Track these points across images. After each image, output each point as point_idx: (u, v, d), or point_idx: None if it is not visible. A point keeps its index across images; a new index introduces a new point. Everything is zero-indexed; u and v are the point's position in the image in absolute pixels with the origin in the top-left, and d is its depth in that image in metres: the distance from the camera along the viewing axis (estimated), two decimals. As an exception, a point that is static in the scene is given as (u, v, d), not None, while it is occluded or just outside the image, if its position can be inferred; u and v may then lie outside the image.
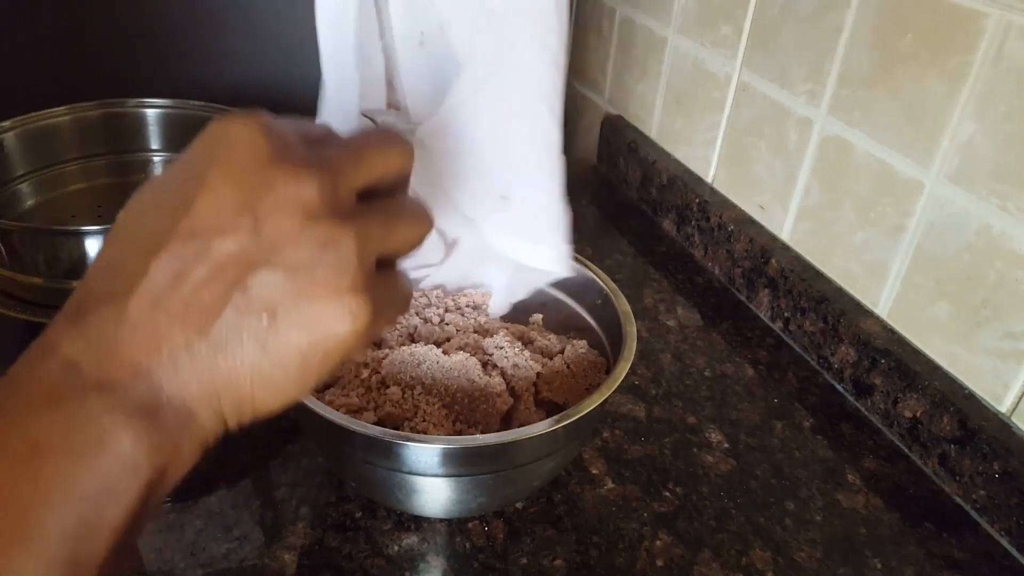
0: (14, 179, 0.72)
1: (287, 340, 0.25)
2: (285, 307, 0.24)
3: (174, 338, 0.24)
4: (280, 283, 0.24)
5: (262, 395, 0.25)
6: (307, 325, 0.25)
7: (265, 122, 0.25)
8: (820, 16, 0.61)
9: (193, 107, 0.77)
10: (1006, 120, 0.49)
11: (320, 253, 0.24)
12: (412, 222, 0.29)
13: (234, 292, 0.24)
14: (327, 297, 0.25)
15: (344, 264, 0.25)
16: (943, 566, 0.49)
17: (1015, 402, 0.51)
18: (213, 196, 0.24)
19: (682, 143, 0.82)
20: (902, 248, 0.58)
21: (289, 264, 0.24)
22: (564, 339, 0.53)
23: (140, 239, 0.25)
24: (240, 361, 0.24)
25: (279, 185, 0.24)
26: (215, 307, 0.24)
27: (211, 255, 0.24)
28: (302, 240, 0.24)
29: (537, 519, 0.50)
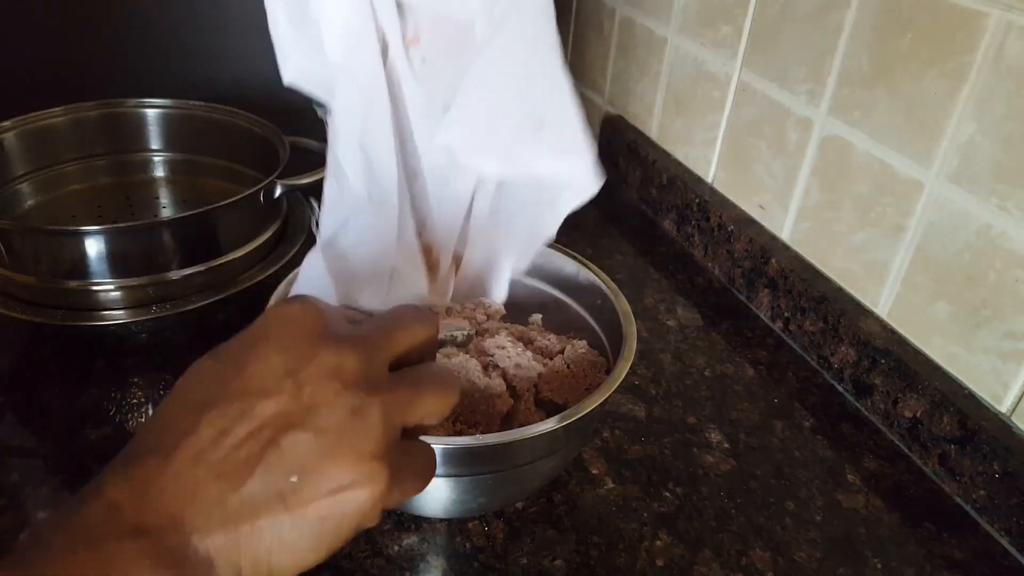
0: (14, 179, 0.72)
1: (309, 501, 0.26)
2: (312, 468, 0.26)
3: (210, 490, 0.26)
4: (310, 444, 0.26)
5: (279, 556, 0.27)
6: (329, 487, 0.26)
7: (317, 304, 0.29)
8: (820, 16, 0.61)
9: (193, 107, 0.77)
10: (1006, 120, 0.49)
11: (350, 419, 0.27)
12: (438, 391, 0.31)
13: (269, 450, 0.26)
14: (351, 461, 0.27)
15: (369, 431, 0.27)
16: (943, 566, 0.49)
17: (1015, 402, 0.51)
18: (264, 363, 0.27)
19: (682, 143, 0.82)
20: (902, 248, 0.58)
21: (320, 427, 0.27)
22: (564, 339, 0.53)
23: (194, 400, 0.27)
24: (264, 520, 0.26)
25: (321, 356, 0.27)
26: (250, 464, 0.26)
27: (253, 414, 0.26)
28: (335, 405, 0.27)
29: (537, 519, 0.50)
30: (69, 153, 0.75)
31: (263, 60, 0.44)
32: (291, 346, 0.28)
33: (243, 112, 0.75)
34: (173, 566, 0.25)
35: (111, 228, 0.59)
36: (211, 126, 0.77)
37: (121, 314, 0.60)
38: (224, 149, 0.78)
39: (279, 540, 0.26)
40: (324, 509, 0.27)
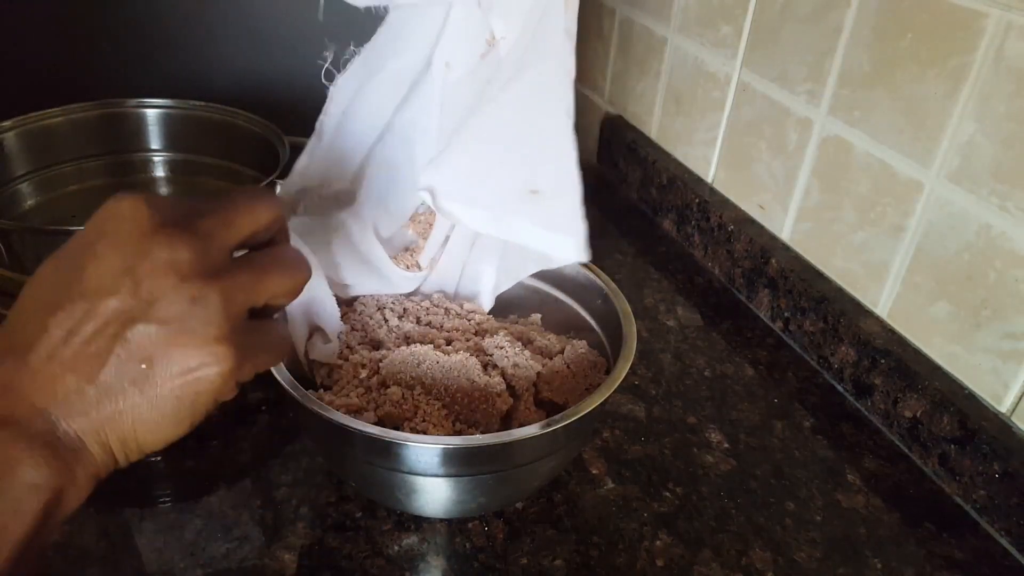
0: (14, 179, 0.72)
1: (162, 384, 0.29)
2: (160, 355, 0.29)
3: (67, 383, 0.28)
4: (155, 335, 0.29)
5: (143, 433, 0.30)
6: (179, 370, 0.29)
7: (148, 198, 0.30)
8: (820, 16, 0.61)
9: (193, 107, 0.77)
10: (1006, 120, 0.49)
11: (190, 307, 0.29)
12: (284, 272, 0.33)
13: (116, 344, 0.29)
14: (195, 346, 0.29)
15: (211, 316, 0.29)
16: (943, 566, 0.49)
17: (1015, 402, 0.51)
18: (100, 263, 0.29)
19: (682, 143, 0.82)
20: (902, 248, 0.58)
21: (163, 318, 0.29)
22: (564, 339, 0.53)
23: (40, 302, 0.29)
24: (122, 403, 0.29)
25: (155, 251, 0.29)
26: (101, 357, 0.28)
27: (97, 313, 0.28)
28: (174, 297, 0.29)
29: (537, 519, 0.50)
30: (69, 153, 0.75)
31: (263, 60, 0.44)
32: (125, 243, 0.29)
33: (243, 112, 0.75)
34: (45, 446, 0.28)
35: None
36: (211, 126, 0.77)
37: (121, 314, 0.60)
38: (224, 149, 0.78)
39: (140, 420, 0.29)
40: (177, 389, 0.29)
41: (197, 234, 0.30)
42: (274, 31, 0.85)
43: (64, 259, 0.30)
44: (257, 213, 0.33)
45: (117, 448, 0.30)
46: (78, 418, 0.29)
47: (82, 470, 0.29)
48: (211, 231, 0.30)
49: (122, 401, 0.29)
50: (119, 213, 0.29)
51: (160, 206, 0.30)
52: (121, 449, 0.30)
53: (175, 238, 0.29)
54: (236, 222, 0.32)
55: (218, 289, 0.29)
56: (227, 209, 0.32)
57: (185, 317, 0.29)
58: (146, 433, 0.30)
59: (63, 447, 0.29)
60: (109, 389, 0.29)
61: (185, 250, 0.29)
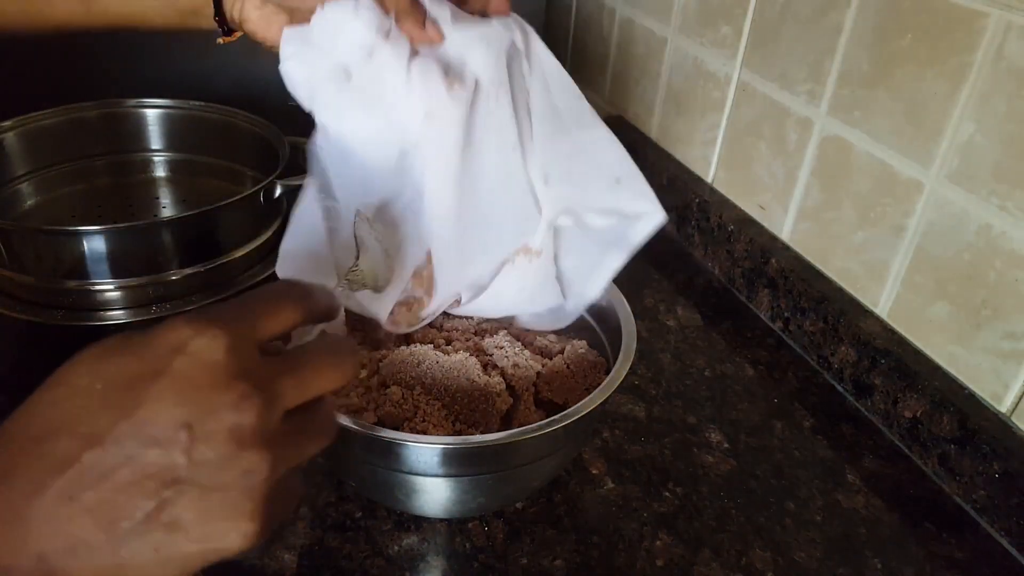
0: (14, 179, 0.72)
1: (180, 548, 0.26)
2: (189, 521, 0.26)
3: (82, 532, 0.25)
4: (191, 500, 0.26)
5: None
6: (202, 537, 0.26)
7: (229, 337, 0.27)
8: (820, 16, 0.61)
9: (193, 107, 0.77)
10: (1006, 120, 0.49)
11: (236, 479, 0.26)
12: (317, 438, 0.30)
13: (150, 500, 0.25)
14: (229, 519, 0.26)
15: (253, 491, 0.27)
16: (943, 566, 0.49)
17: (1015, 402, 0.51)
18: (159, 408, 0.26)
19: (682, 143, 0.82)
20: (902, 248, 0.58)
21: (207, 485, 0.26)
22: (564, 339, 0.53)
23: (76, 422, 0.26)
24: (131, 559, 0.26)
25: (222, 412, 0.26)
26: (128, 511, 0.25)
27: (140, 463, 0.25)
28: (227, 466, 0.26)
29: (537, 519, 0.50)
30: (69, 153, 0.75)
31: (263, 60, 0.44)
32: (191, 393, 0.26)
33: (243, 112, 0.75)
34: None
35: (111, 228, 0.59)
36: (211, 126, 0.77)
37: (121, 314, 0.60)
38: (224, 149, 0.78)
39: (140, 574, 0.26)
40: (192, 554, 0.26)
41: (269, 395, 0.27)
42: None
43: (112, 379, 0.26)
44: (335, 377, 0.30)
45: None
46: (78, 568, 0.25)
47: None
48: (283, 391, 0.28)
49: (131, 558, 0.26)
50: (192, 350, 0.26)
51: (238, 349, 0.27)
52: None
53: (246, 399, 0.26)
54: (312, 384, 0.29)
55: (269, 462, 0.27)
56: (306, 368, 0.29)
57: (228, 488, 0.26)
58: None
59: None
60: (122, 543, 0.25)
61: (253, 415, 0.26)
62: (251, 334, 0.28)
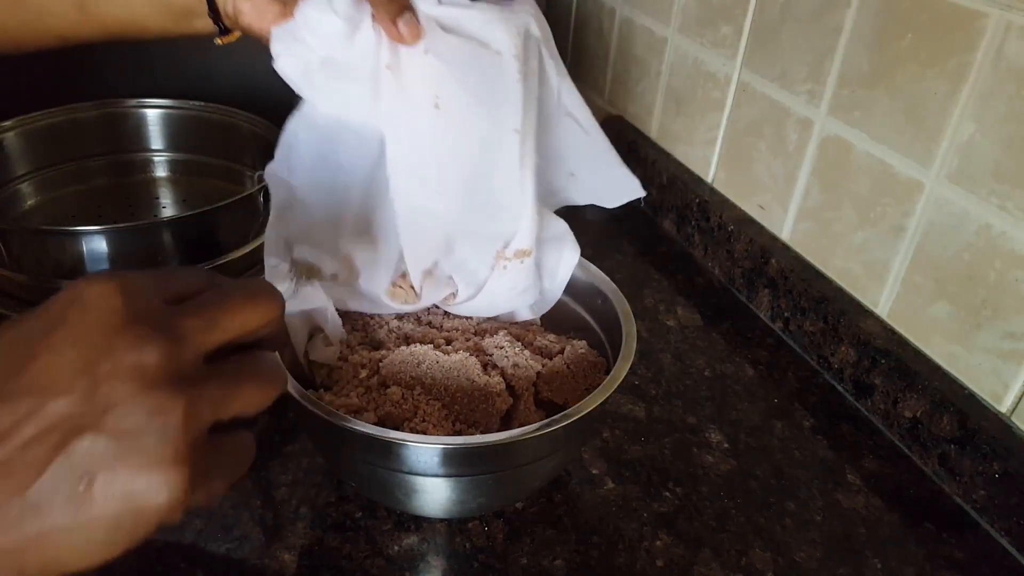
0: (14, 179, 0.72)
1: (100, 508, 0.25)
2: (103, 474, 0.24)
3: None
4: (103, 449, 0.24)
5: (69, 557, 0.25)
6: (122, 495, 0.25)
7: (125, 284, 0.26)
8: (820, 16, 0.61)
9: (193, 107, 0.77)
10: (1006, 120, 0.49)
11: (147, 421, 0.25)
12: (259, 385, 0.29)
13: (58, 454, 0.24)
14: (146, 467, 0.25)
15: (168, 434, 0.25)
16: (943, 566, 0.49)
17: (1015, 402, 0.51)
18: (55, 356, 0.25)
19: (682, 143, 0.82)
20: (902, 248, 0.58)
21: (115, 430, 0.24)
22: (564, 339, 0.53)
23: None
24: (51, 524, 0.24)
25: (120, 351, 0.25)
26: (36, 467, 0.24)
27: (42, 414, 0.24)
28: (132, 407, 0.25)
29: (537, 519, 0.50)
30: (69, 153, 0.75)
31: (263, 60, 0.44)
32: (87, 337, 0.25)
33: (243, 112, 0.75)
34: None
35: (111, 228, 0.59)
36: (211, 126, 0.77)
37: (121, 314, 0.60)
38: (224, 149, 0.78)
39: (67, 543, 0.25)
40: (116, 513, 0.25)
41: (172, 335, 0.26)
42: (274, 31, 0.85)
43: (11, 342, 0.26)
44: (248, 315, 0.29)
45: (34, 572, 0.25)
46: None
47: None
48: (188, 332, 0.26)
49: (51, 521, 0.24)
50: (86, 299, 0.26)
51: (135, 294, 0.26)
52: (38, 572, 0.25)
53: (145, 338, 0.25)
54: (221, 324, 0.28)
55: (183, 402, 0.25)
56: (214, 307, 0.28)
57: (140, 432, 0.25)
58: (71, 558, 0.25)
59: None
60: (38, 506, 0.24)
61: (154, 353, 0.25)
62: (150, 285, 0.27)
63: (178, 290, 0.28)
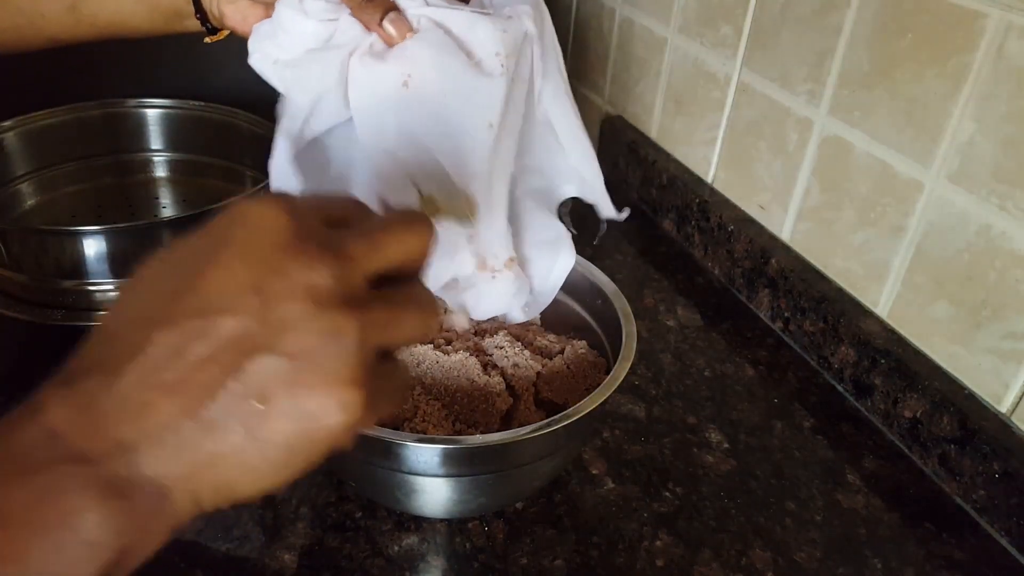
0: (14, 179, 0.72)
1: (276, 428, 0.24)
2: (280, 394, 0.24)
3: (163, 415, 0.23)
4: (278, 369, 0.24)
5: (242, 481, 0.25)
6: (299, 415, 0.24)
7: (288, 205, 0.25)
8: (820, 16, 0.61)
9: (193, 107, 0.77)
10: (1006, 120, 0.49)
11: (323, 342, 0.24)
12: (418, 314, 0.28)
13: (231, 374, 0.24)
14: (323, 387, 0.24)
15: (345, 355, 0.24)
16: (943, 566, 0.49)
17: (1015, 402, 0.51)
18: (224, 275, 0.24)
19: (682, 143, 0.82)
20: (902, 248, 0.58)
21: (290, 351, 0.24)
22: (564, 339, 0.53)
23: (144, 310, 0.25)
24: (226, 446, 0.24)
25: (292, 271, 0.24)
26: (210, 388, 0.24)
27: (214, 334, 0.24)
28: (307, 327, 0.24)
29: (537, 519, 0.50)
30: (69, 153, 0.75)
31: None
32: (256, 257, 0.24)
33: (243, 112, 0.75)
34: (121, 496, 0.23)
35: (111, 228, 0.59)
36: (211, 126, 0.77)
37: (121, 314, 0.60)
38: (224, 149, 0.78)
39: (242, 468, 0.24)
40: (292, 436, 0.24)
41: (339, 254, 0.25)
42: (274, 31, 0.85)
43: (177, 263, 0.25)
44: (409, 241, 0.28)
45: (207, 496, 0.25)
46: (168, 460, 0.24)
47: (159, 523, 0.24)
48: (356, 254, 0.26)
49: (226, 443, 0.24)
50: (252, 218, 0.25)
51: (300, 216, 0.25)
52: (212, 497, 0.25)
53: (316, 257, 0.24)
54: (385, 248, 0.27)
55: (355, 323, 0.25)
56: (378, 230, 0.27)
57: (316, 352, 0.24)
58: (246, 482, 0.25)
59: (142, 496, 0.23)
60: (213, 427, 0.24)
61: (326, 273, 0.24)
62: (312, 207, 0.27)
63: (337, 214, 0.28)
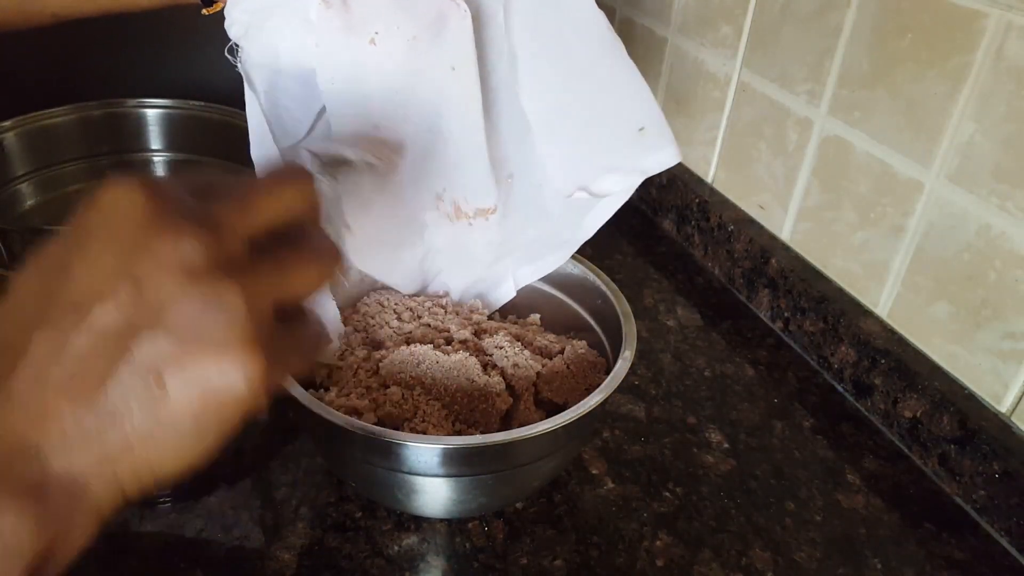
0: (14, 179, 0.72)
1: (178, 402, 0.24)
2: (172, 369, 0.24)
3: (60, 412, 0.23)
4: (165, 345, 0.24)
5: (160, 459, 0.25)
6: (197, 385, 0.24)
7: (146, 183, 0.25)
8: (820, 16, 0.61)
9: (193, 107, 0.77)
10: (1006, 120, 0.49)
11: (204, 311, 0.24)
12: (315, 264, 0.28)
13: (118, 360, 0.24)
14: (215, 355, 0.24)
15: (230, 318, 0.24)
16: (943, 566, 0.49)
17: (1015, 402, 0.51)
18: (91, 263, 0.24)
19: (682, 143, 0.82)
20: (902, 248, 0.58)
21: (172, 325, 0.24)
22: (564, 339, 0.53)
23: (20, 316, 0.24)
24: (132, 428, 0.24)
25: (157, 246, 0.24)
26: (100, 377, 0.24)
27: (91, 323, 0.23)
28: (184, 300, 0.24)
29: (537, 519, 0.50)
30: (69, 153, 0.75)
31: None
32: (119, 239, 0.24)
33: (243, 112, 0.75)
34: (30, 495, 0.23)
35: None
36: (211, 126, 0.77)
37: (121, 314, 0.60)
38: (224, 149, 0.78)
39: (156, 447, 0.24)
40: (196, 406, 0.24)
41: (207, 223, 0.25)
42: (274, 31, 0.85)
43: (46, 262, 0.25)
44: (283, 194, 0.27)
45: (128, 480, 0.25)
46: (76, 454, 0.24)
47: (82, 516, 0.24)
48: (224, 219, 0.25)
49: (130, 427, 0.24)
50: (110, 204, 0.24)
51: (160, 192, 0.25)
52: (133, 481, 0.25)
53: (180, 229, 0.24)
54: (256, 206, 0.26)
55: (236, 285, 0.24)
56: (245, 191, 0.27)
57: (199, 321, 0.24)
58: (163, 460, 0.25)
59: (56, 492, 0.24)
60: (113, 415, 0.24)
61: (194, 242, 0.24)
62: (172, 182, 0.26)
63: (202, 185, 0.27)
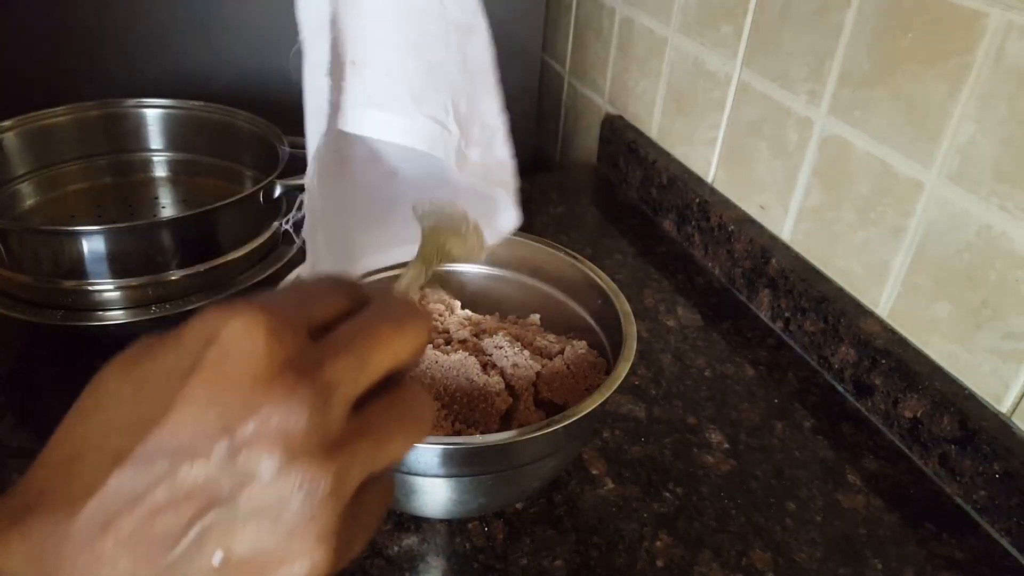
0: (14, 179, 0.72)
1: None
2: (241, 551, 0.22)
3: (120, 567, 0.22)
4: (240, 524, 0.22)
5: None
6: (258, 570, 0.22)
7: (268, 317, 0.23)
8: (820, 16, 0.61)
9: (193, 107, 0.77)
10: (1006, 120, 0.49)
11: (292, 496, 0.22)
12: (410, 428, 0.25)
13: (192, 527, 0.22)
14: (287, 543, 0.22)
15: (315, 511, 0.22)
16: (943, 566, 0.49)
17: (1015, 402, 0.51)
18: (191, 411, 0.22)
19: (682, 143, 0.82)
20: (902, 248, 0.58)
21: (255, 504, 0.22)
22: (564, 339, 0.53)
23: (105, 437, 0.22)
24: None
25: (265, 410, 0.22)
26: (169, 540, 0.22)
27: (176, 480, 0.22)
28: (275, 479, 0.22)
29: (537, 519, 0.50)
30: (69, 153, 0.75)
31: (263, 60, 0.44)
32: (227, 391, 0.22)
33: (243, 112, 0.75)
34: None
35: (111, 228, 0.59)
36: (211, 126, 0.77)
37: (120, 314, 0.60)
38: (224, 149, 0.78)
39: None
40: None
41: (321, 384, 0.23)
42: (274, 30, 0.85)
43: (142, 380, 0.23)
44: (399, 347, 0.25)
45: None
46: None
47: None
48: (339, 377, 0.23)
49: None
50: (226, 340, 0.22)
51: (280, 331, 0.22)
52: None
53: (292, 393, 0.22)
54: (372, 361, 0.24)
55: (332, 472, 0.22)
56: (364, 341, 0.24)
57: (283, 508, 0.22)
58: None
59: None
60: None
61: (303, 412, 0.22)
62: (294, 314, 0.24)
63: (321, 315, 0.25)
